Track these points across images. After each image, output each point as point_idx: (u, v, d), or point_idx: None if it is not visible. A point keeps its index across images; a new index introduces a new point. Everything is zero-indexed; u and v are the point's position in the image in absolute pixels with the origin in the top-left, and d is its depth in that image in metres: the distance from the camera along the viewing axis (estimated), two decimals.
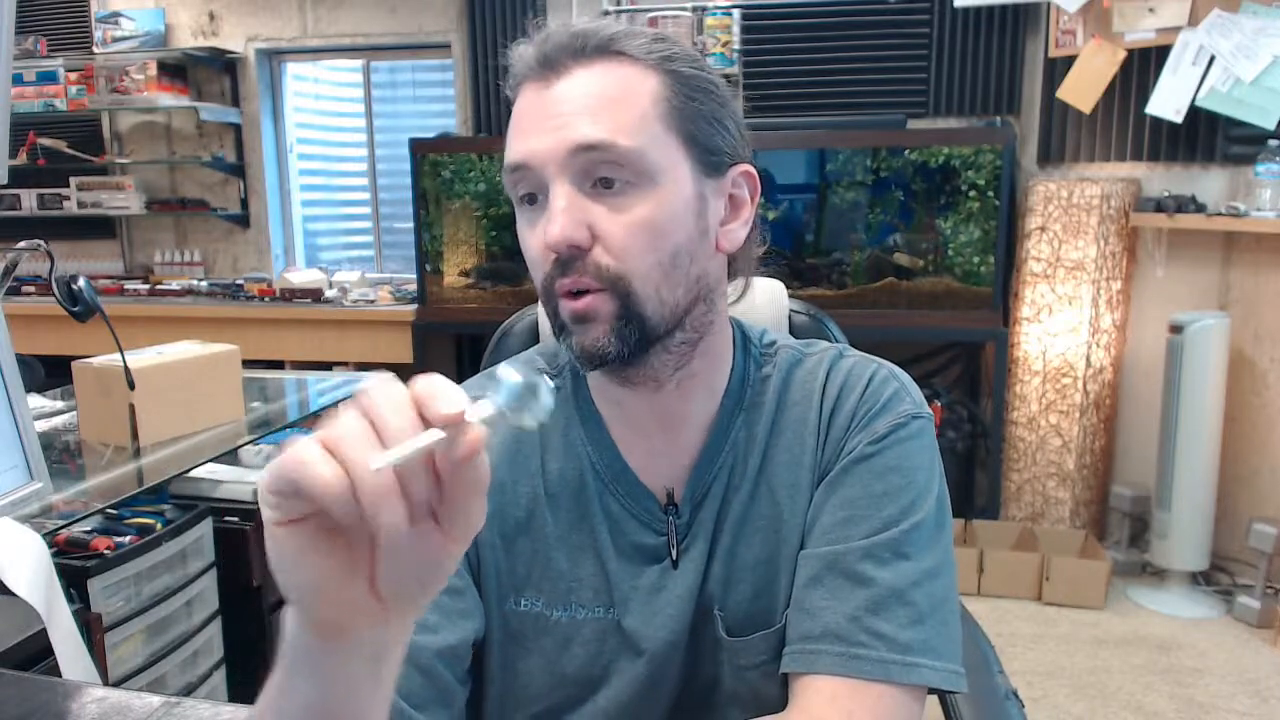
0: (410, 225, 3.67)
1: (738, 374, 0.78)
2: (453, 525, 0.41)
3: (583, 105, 0.67)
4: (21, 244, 1.46)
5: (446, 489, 0.41)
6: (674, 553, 0.75)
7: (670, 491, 0.76)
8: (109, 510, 1.57)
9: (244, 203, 4.21)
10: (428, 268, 3.59)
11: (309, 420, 2.01)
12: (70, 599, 1.17)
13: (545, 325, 1.04)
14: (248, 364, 1.96)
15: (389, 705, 0.51)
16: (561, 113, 0.67)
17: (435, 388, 0.41)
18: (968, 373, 3.49)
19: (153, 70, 3.92)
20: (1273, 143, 2.80)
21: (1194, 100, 2.90)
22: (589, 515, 0.76)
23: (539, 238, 0.68)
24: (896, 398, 0.74)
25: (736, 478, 0.76)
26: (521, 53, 0.70)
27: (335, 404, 2.48)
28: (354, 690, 0.46)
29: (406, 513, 0.40)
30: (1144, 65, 3.03)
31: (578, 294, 0.68)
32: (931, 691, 0.68)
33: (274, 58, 4.17)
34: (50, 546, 1.18)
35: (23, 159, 4.10)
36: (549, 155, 0.67)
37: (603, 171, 0.67)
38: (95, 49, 4.08)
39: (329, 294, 3.80)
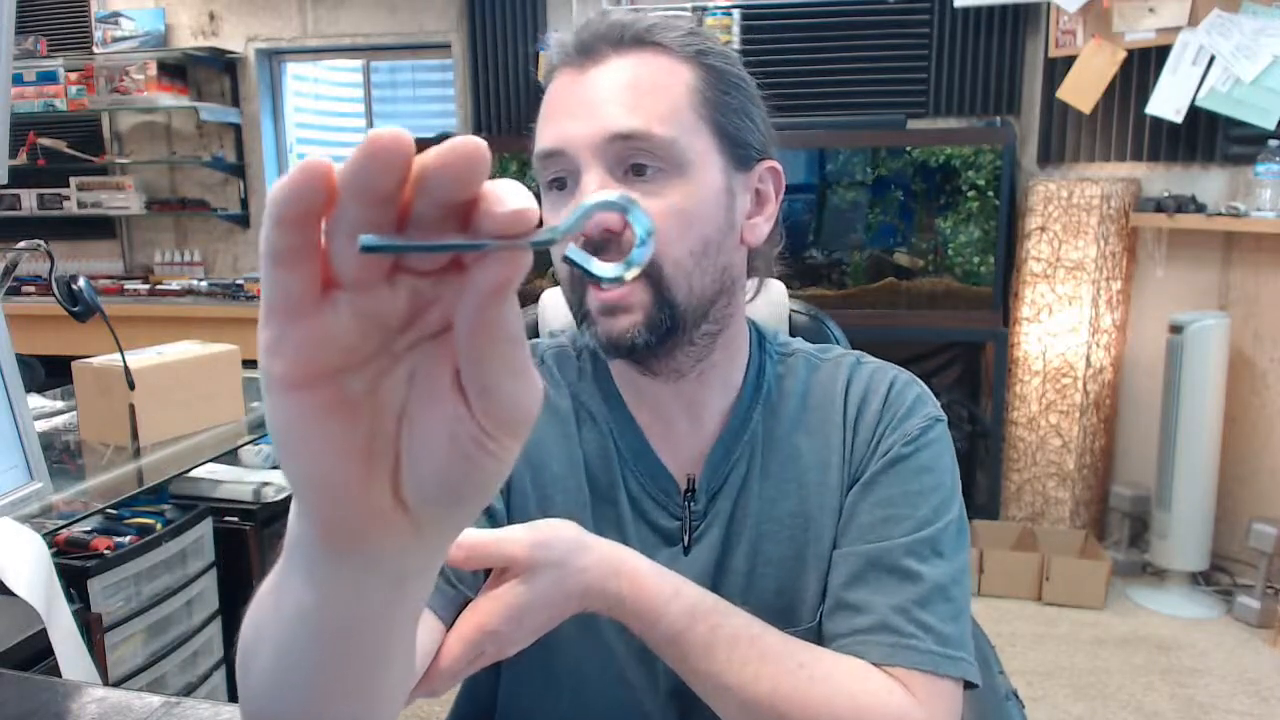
0: None
1: (754, 368, 0.79)
2: (481, 399, 0.30)
3: (618, 93, 0.68)
4: (21, 244, 1.47)
5: (465, 337, 0.30)
6: (686, 539, 0.76)
7: (691, 478, 0.77)
8: (109, 510, 1.57)
9: (244, 203, 4.21)
10: None
11: None
12: (70, 599, 1.17)
13: (546, 324, 1.04)
14: (248, 364, 1.96)
15: (414, 627, 0.42)
16: (597, 99, 0.68)
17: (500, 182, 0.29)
18: (968, 373, 3.49)
19: (153, 70, 3.92)
20: (1273, 143, 2.79)
21: (1194, 100, 2.90)
22: (614, 488, 0.77)
23: None
24: (920, 401, 0.76)
25: (756, 471, 0.76)
26: (560, 40, 0.71)
27: None
28: (366, 610, 0.36)
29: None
30: (1144, 65, 3.03)
31: None
32: (967, 687, 0.70)
33: (274, 58, 4.17)
34: (50, 546, 1.18)
35: (23, 159, 4.10)
36: (583, 142, 0.67)
37: (637, 159, 0.67)
38: (95, 49, 4.08)
39: None
